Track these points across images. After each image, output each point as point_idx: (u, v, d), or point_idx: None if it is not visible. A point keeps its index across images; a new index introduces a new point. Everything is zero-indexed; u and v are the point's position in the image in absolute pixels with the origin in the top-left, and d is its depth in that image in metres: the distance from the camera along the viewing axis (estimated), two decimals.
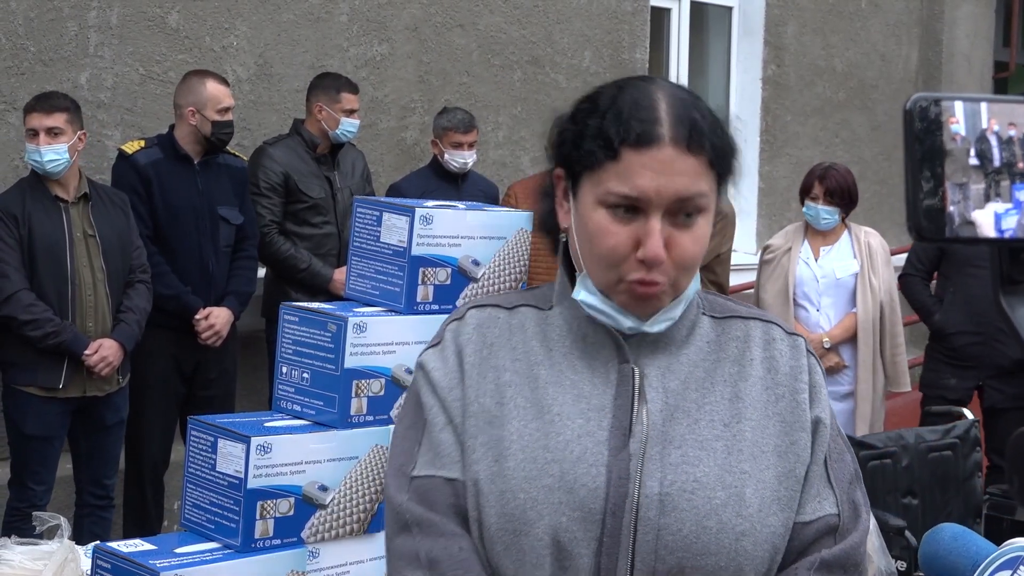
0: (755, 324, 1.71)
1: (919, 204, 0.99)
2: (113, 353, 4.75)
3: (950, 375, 5.98)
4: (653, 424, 1.62)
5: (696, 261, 1.63)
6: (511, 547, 1.61)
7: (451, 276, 3.26)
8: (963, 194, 0.99)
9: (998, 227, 1.00)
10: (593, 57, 7.34)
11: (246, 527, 2.90)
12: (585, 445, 1.61)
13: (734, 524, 1.59)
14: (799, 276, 5.71)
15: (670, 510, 1.58)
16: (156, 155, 5.14)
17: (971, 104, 1.01)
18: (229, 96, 5.21)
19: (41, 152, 4.65)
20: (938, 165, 0.99)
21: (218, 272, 5.23)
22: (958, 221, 0.99)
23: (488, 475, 1.63)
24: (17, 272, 4.64)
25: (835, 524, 1.65)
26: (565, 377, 1.67)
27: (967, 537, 3.02)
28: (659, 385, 1.64)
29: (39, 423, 4.73)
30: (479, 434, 1.66)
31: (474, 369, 1.70)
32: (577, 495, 1.59)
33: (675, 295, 1.63)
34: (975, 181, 1.00)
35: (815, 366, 1.70)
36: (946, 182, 0.99)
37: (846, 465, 1.68)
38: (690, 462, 1.60)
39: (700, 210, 1.60)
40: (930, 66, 9.58)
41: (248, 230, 5.36)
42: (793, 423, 1.65)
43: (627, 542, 1.58)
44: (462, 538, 1.64)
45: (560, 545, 1.59)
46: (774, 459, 1.63)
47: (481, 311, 1.75)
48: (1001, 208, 1.00)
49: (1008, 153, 1.00)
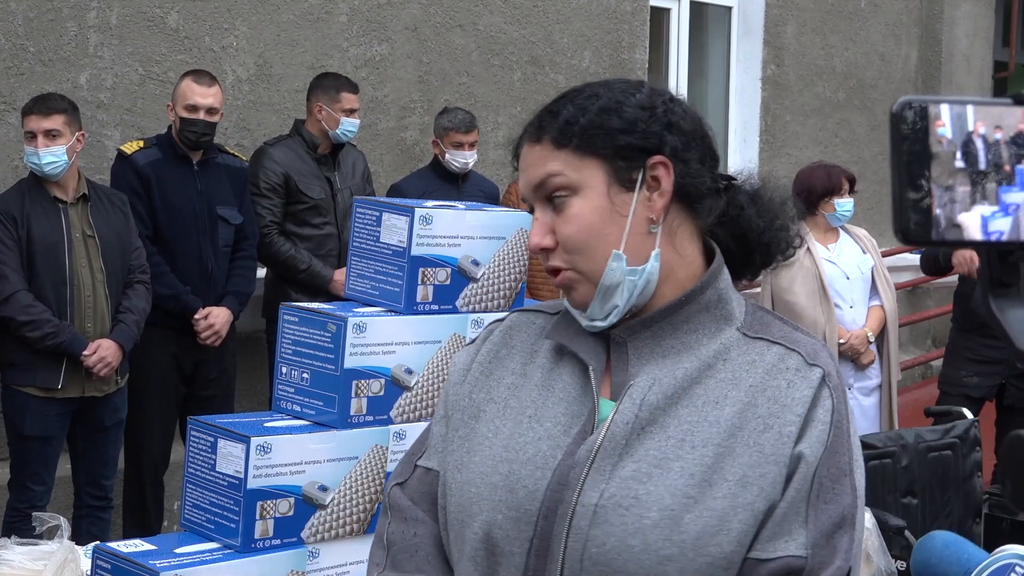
0: (775, 350, 1.64)
1: (905, 207, 0.99)
2: (112, 354, 4.76)
3: (973, 373, 5.96)
4: (612, 435, 1.59)
5: (580, 240, 1.62)
6: (458, 538, 1.66)
7: (451, 276, 3.26)
8: (949, 197, 0.99)
9: (984, 230, 1.00)
10: (593, 57, 7.35)
11: (246, 527, 2.91)
12: (540, 448, 1.62)
13: (659, 547, 1.52)
14: (829, 275, 5.69)
15: (600, 522, 1.55)
16: (155, 155, 5.14)
17: (957, 107, 1.01)
18: (206, 95, 5.12)
19: (39, 154, 4.65)
20: (925, 168, 0.99)
21: (217, 272, 5.24)
22: (944, 224, 0.99)
23: (455, 466, 1.69)
24: (16, 273, 4.65)
25: (798, 567, 1.54)
26: (559, 380, 1.67)
27: (959, 545, 3.02)
28: (639, 397, 1.61)
29: (38, 423, 4.73)
30: (460, 427, 1.72)
31: (480, 367, 1.74)
32: (516, 495, 1.60)
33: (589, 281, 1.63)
34: (961, 184, 1.00)
35: (823, 399, 1.60)
36: (932, 185, 0.99)
37: (837, 508, 1.57)
38: (639, 478, 1.56)
39: (563, 189, 1.63)
40: (929, 66, 9.59)
41: (247, 230, 5.35)
42: (769, 455, 1.56)
43: (558, 547, 1.57)
44: (421, 524, 1.72)
45: (493, 541, 1.61)
46: (735, 488, 1.54)
47: (522, 315, 1.80)
48: (987, 211, 1.00)
49: (994, 155, 1.01)
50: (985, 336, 5.89)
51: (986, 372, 5.93)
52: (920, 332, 9.30)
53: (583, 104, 1.65)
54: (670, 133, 1.64)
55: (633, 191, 1.63)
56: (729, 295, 1.68)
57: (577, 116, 1.64)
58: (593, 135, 1.63)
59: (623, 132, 1.63)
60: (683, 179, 1.64)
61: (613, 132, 1.63)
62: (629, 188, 1.63)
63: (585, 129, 1.63)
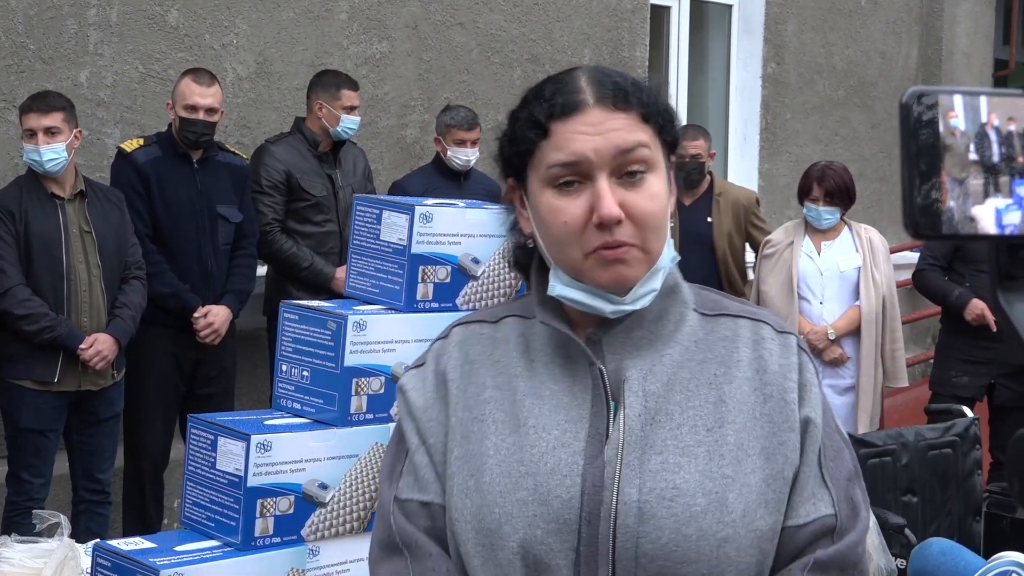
0: (744, 323, 1.67)
1: (915, 200, 0.98)
2: (108, 347, 4.79)
3: (963, 373, 5.97)
4: (630, 429, 1.58)
5: (658, 220, 1.59)
6: (488, 561, 1.60)
7: (451, 274, 3.26)
8: (962, 190, 0.98)
9: (999, 223, 0.99)
10: (593, 55, 7.34)
11: (246, 525, 2.90)
12: (560, 456, 1.59)
13: (715, 531, 1.55)
14: (802, 270, 5.71)
15: (649, 518, 1.55)
16: (155, 153, 5.15)
17: (970, 98, 0.99)
18: (205, 95, 5.12)
19: (40, 152, 4.68)
20: (936, 160, 0.98)
21: (217, 270, 5.24)
22: (957, 217, 0.98)
23: (463, 490, 1.62)
24: (13, 268, 4.69)
25: (832, 525, 1.60)
26: (545, 387, 1.64)
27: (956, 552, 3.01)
28: (639, 388, 1.61)
29: (33, 416, 4.76)
30: (455, 448, 1.65)
31: (455, 385, 1.69)
32: (551, 507, 1.57)
33: (648, 262, 1.60)
34: (975, 176, 0.98)
35: (806, 363, 1.65)
36: (945, 177, 0.98)
37: (844, 463, 1.64)
38: (670, 468, 1.57)
39: (645, 165, 1.59)
40: (930, 64, 9.58)
41: (247, 228, 5.36)
42: (781, 424, 1.61)
43: (606, 550, 1.55)
44: (443, 560, 1.64)
45: (536, 558, 1.57)
46: (760, 462, 1.59)
47: (465, 328, 1.74)
48: (1002, 204, 0.99)
49: (1008, 148, 0.99)
50: (975, 337, 5.90)
51: (976, 372, 5.94)
52: (920, 331, 9.30)
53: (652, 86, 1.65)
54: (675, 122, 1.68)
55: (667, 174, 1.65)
56: (680, 279, 1.69)
57: (657, 97, 1.64)
58: (668, 120, 1.64)
59: (676, 125, 1.66)
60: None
61: (674, 122, 1.65)
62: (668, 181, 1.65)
63: (665, 112, 1.64)
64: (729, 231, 6.27)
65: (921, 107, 0.98)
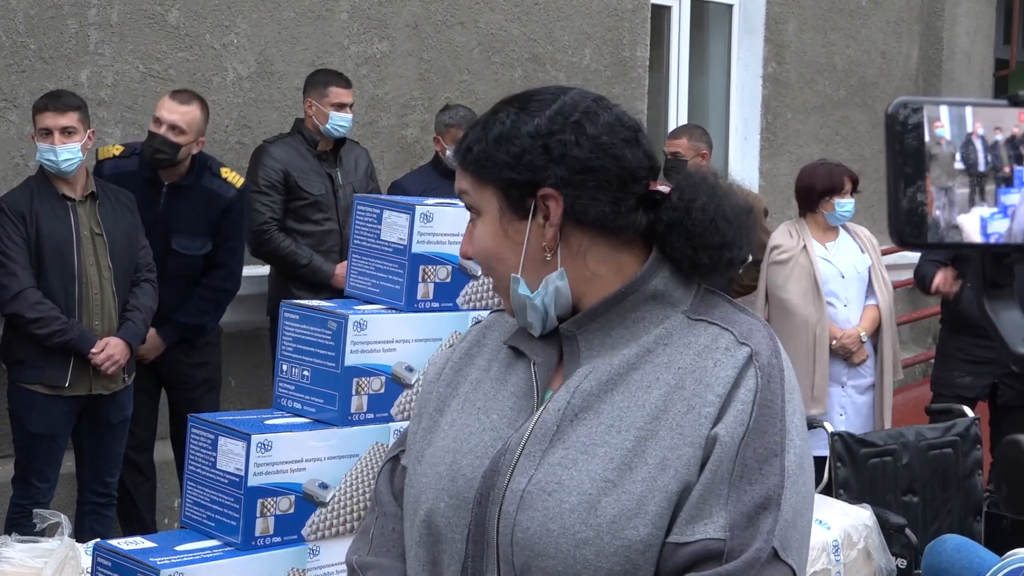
0: (712, 329, 1.64)
1: (901, 209, 0.98)
2: (119, 352, 4.75)
3: (966, 373, 5.96)
4: (543, 422, 1.63)
5: (482, 261, 1.74)
6: (410, 526, 1.73)
7: (451, 274, 3.27)
8: (948, 198, 0.99)
9: (984, 232, 1.00)
10: (593, 55, 7.35)
11: (246, 525, 2.91)
12: (483, 438, 1.68)
13: (576, 531, 1.55)
14: (824, 274, 5.69)
15: (526, 507, 1.59)
16: (128, 167, 5.07)
17: (956, 108, 1.00)
18: (172, 112, 4.98)
19: (56, 151, 4.64)
20: (921, 169, 0.99)
21: (166, 297, 5.02)
22: (943, 225, 0.99)
23: (416, 458, 1.76)
24: (24, 270, 4.64)
25: (716, 550, 1.52)
26: (512, 374, 1.72)
27: (969, 548, 3.03)
28: (574, 385, 1.64)
29: (44, 421, 4.72)
30: (424, 419, 1.78)
31: (451, 364, 1.81)
32: (456, 483, 1.66)
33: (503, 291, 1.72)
34: (960, 185, 0.99)
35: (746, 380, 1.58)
36: (930, 186, 0.98)
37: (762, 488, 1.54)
38: (566, 464, 1.59)
39: (472, 208, 1.73)
40: (930, 64, 9.58)
41: (221, 258, 5.20)
42: (686, 437, 1.56)
43: (492, 533, 1.62)
44: (394, 520, 1.79)
45: (436, 529, 1.67)
46: (654, 472, 1.55)
47: (499, 315, 1.83)
48: (987, 212, 0.99)
49: (994, 157, 1.00)
50: (976, 336, 5.89)
51: (978, 372, 5.93)
52: (920, 330, 9.29)
53: (486, 129, 1.70)
54: (558, 164, 1.64)
55: (527, 219, 1.68)
56: (674, 284, 1.68)
57: (474, 144, 1.70)
58: (484, 165, 1.69)
59: (508, 166, 1.67)
60: (575, 207, 1.65)
61: (500, 165, 1.68)
62: (523, 216, 1.68)
63: (478, 159, 1.70)
64: None
65: (907, 117, 0.99)
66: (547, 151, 1.65)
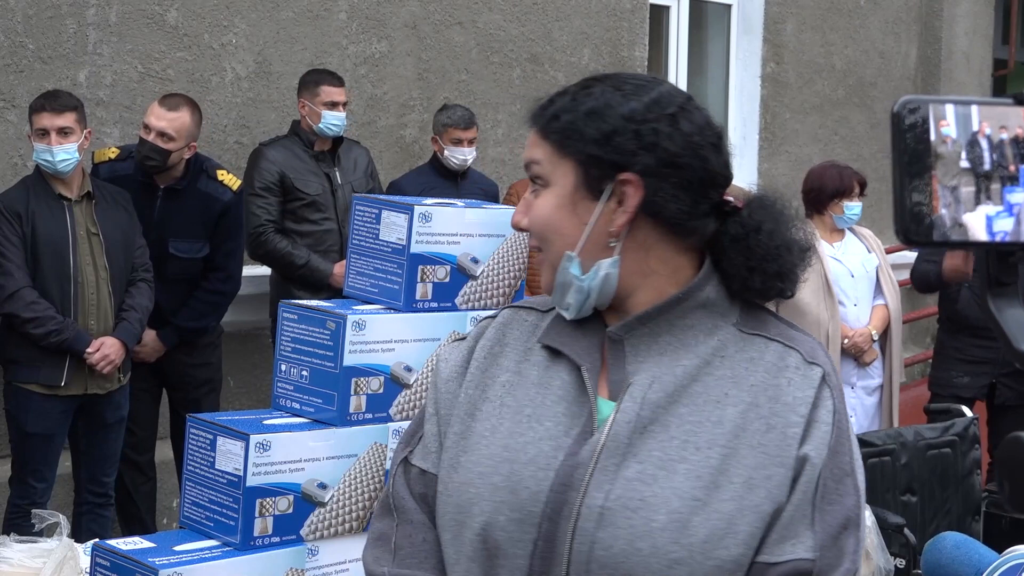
0: (775, 347, 1.63)
1: (906, 207, 0.98)
2: (115, 351, 4.76)
3: (964, 373, 5.96)
4: (615, 435, 1.58)
5: (539, 230, 1.67)
6: (455, 538, 1.64)
7: (450, 274, 3.26)
8: (954, 197, 0.99)
9: (989, 230, 1.00)
10: (592, 55, 7.34)
11: (245, 525, 2.91)
12: (542, 448, 1.61)
13: (669, 550, 1.52)
14: (834, 273, 5.69)
15: (607, 525, 1.54)
16: (124, 170, 5.07)
17: (962, 107, 1.00)
18: (160, 118, 4.96)
19: (53, 152, 4.64)
20: (927, 168, 0.99)
21: (164, 301, 5.04)
22: (948, 224, 0.99)
23: (450, 465, 1.67)
24: (20, 270, 4.65)
25: (806, 570, 1.54)
26: (555, 377, 1.66)
27: (969, 545, 3.03)
28: (639, 395, 1.60)
29: (40, 421, 4.73)
30: (456, 424, 1.69)
31: (475, 364, 1.72)
32: (519, 496, 1.59)
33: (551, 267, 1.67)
34: (966, 184, 0.99)
35: (824, 400, 1.60)
36: (936, 185, 0.98)
37: (843, 509, 1.57)
38: (644, 480, 1.55)
39: (539, 179, 1.67)
40: (929, 64, 9.59)
41: (218, 262, 5.20)
42: (774, 457, 1.56)
43: (563, 549, 1.56)
44: (428, 529, 1.69)
45: (495, 543, 1.60)
46: (741, 491, 1.55)
47: (514, 312, 1.78)
48: (992, 211, 1.00)
49: (999, 155, 1.00)
50: (974, 336, 5.89)
51: (976, 372, 5.93)
52: (920, 330, 9.29)
53: (576, 101, 1.65)
54: (647, 153, 1.61)
55: (598, 201, 1.63)
56: (722, 295, 1.66)
57: (563, 113, 1.65)
58: (569, 137, 1.64)
59: (596, 143, 1.62)
60: (655, 199, 1.61)
61: (587, 140, 1.63)
62: (596, 197, 1.63)
63: (564, 129, 1.64)
64: None
65: (913, 116, 0.99)
66: (639, 137, 1.61)
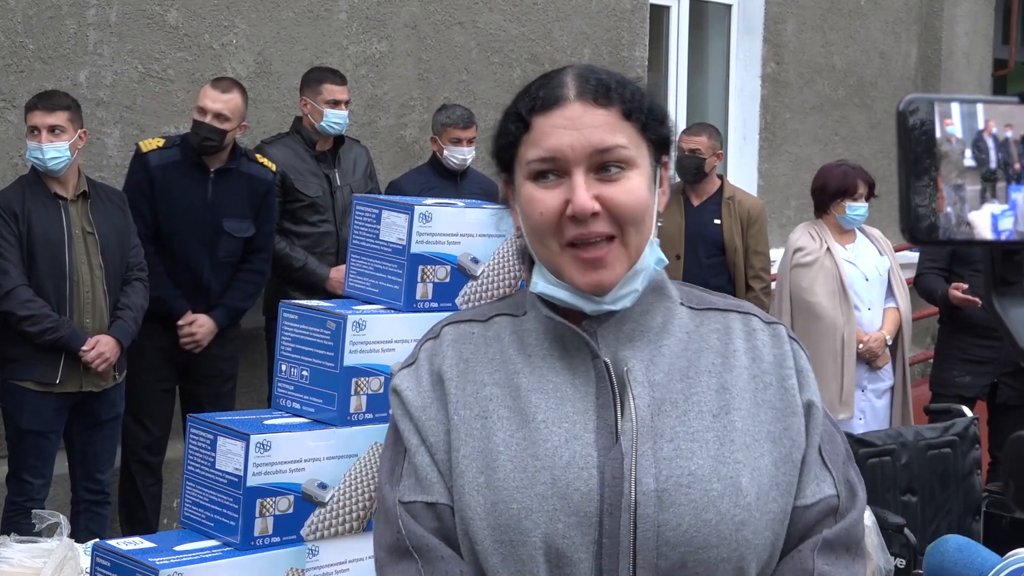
0: (734, 316, 1.71)
1: (912, 206, 0.99)
2: (110, 349, 4.79)
3: (965, 372, 5.96)
4: (642, 419, 1.60)
5: (635, 213, 1.59)
6: (508, 558, 1.58)
7: (450, 274, 3.26)
8: (959, 195, 0.99)
9: (995, 228, 1.00)
10: (592, 55, 7.34)
11: (245, 525, 2.91)
12: (574, 449, 1.59)
13: (733, 514, 1.57)
14: (849, 276, 5.67)
15: (668, 505, 1.56)
16: (172, 157, 5.16)
17: (967, 105, 1.00)
18: (216, 100, 5.14)
19: (43, 150, 4.68)
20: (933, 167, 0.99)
21: (214, 282, 5.22)
22: (953, 222, 0.99)
23: (474, 487, 1.60)
24: (16, 268, 4.68)
25: (835, 505, 1.65)
26: (547, 381, 1.64)
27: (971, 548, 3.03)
28: (644, 379, 1.62)
29: (35, 417, 4.76)
30: (461, 447, 1.63)
31: (453, 384, 1.66)
32: (571, 500, 1.57)
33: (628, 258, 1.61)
34: (971, 182, 0.99)
35: (798, 351, 1.70)
36: (941, 184, 0.98)
37: (838, 446, 1.69)
38: (683, 455, 1.59)
39: (625, 163, 1.60)
40: (929, 64, 9.58)
41: (260, 243, 5.33)
42: (784, 409, 1.65)
43: (627, 541, 1.56)
44: (459, 561, 1.62)
45: (558, 552, 1.57)
46: (768, 446, 1.63)
47: (456, 327, 1.73)
48: (997, 209, 1.00)
49: (1004, 154, 1.00)
50: (975, 336, 5.89)
51: (978, 372, 5.93)
52: (920, 330, 9.29)
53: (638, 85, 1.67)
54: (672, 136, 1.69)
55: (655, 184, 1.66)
56: (665, 277, 1.70)
57: (641, 96, 1.65)
58: (653, 119, 1.65)
59: (664, 125, 1.66)
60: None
61: (662, 121, 1.66)
62: (653, 180, 1.66)
63: (650, 111, 1.64)
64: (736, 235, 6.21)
65: (918, 114, 0.99)
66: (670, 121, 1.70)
